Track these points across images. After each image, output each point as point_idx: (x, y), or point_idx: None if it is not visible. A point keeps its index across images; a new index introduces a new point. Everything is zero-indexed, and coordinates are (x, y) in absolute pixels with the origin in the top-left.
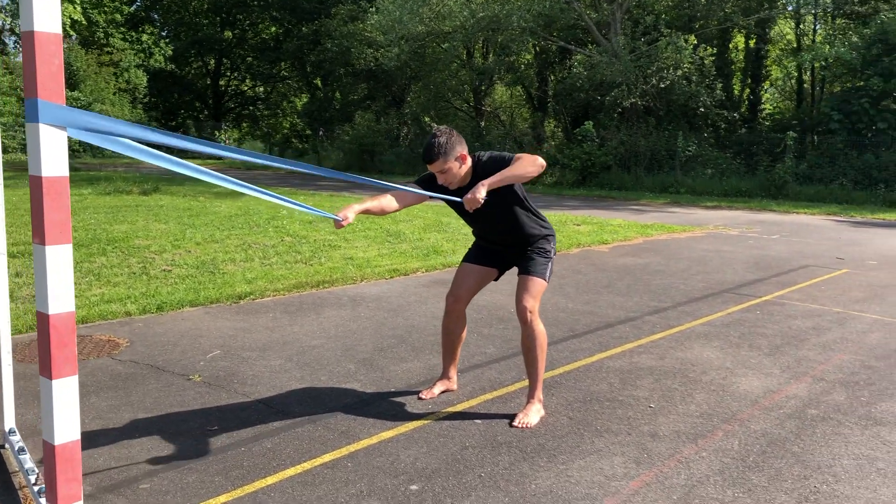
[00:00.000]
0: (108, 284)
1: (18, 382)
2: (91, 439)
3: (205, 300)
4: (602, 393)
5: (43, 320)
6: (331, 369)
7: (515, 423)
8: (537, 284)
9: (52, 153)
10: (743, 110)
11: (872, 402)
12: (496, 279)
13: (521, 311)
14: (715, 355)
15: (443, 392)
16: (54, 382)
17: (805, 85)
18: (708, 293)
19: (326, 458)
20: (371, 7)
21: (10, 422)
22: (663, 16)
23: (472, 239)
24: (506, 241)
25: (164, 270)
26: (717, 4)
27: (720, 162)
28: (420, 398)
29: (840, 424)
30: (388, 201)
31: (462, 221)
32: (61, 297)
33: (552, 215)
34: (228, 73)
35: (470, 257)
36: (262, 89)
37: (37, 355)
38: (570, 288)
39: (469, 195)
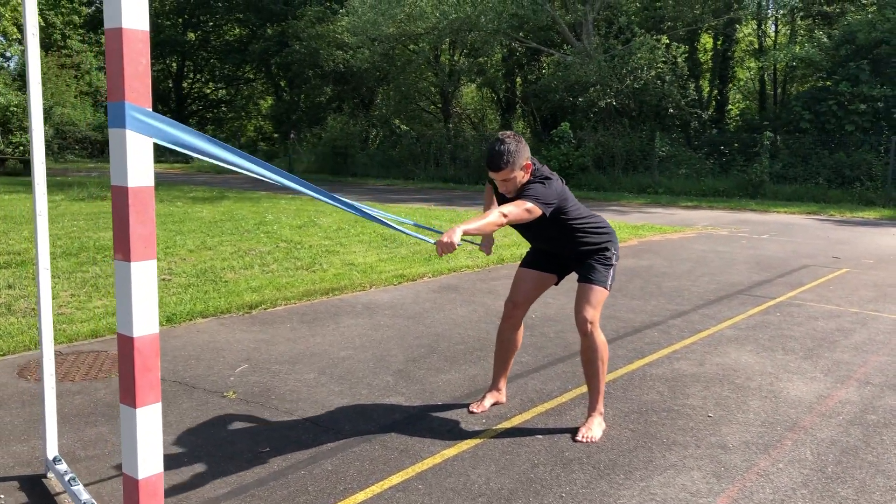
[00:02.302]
0: (109, 295)
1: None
2: None
3: (215, 310)
4: (655, 403)
5: (126, 344)
6: (369, 382)
7: (579, 438)
8: (598, 294)
9: (139, 161)
10: (711, 111)
11: None
12: (556, 284)
13: (581, 323)
14: (753, 360)
15: (493, 405)
16: (138, 411)
17: (766, 86)
18: (722, 295)
19: (395, 479)
20: (341, 9)
21: (53, 450)
22: (633, 17)
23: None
24: (563, 252)
25: (164, 280)
26: (686, 6)
27: (693, 162)
28: (471, 412)
29: None
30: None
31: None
32: (147, 318)
33: None
34: (192, 76)
35: (527, 262)
36: (224, 91)
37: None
38: None
39: (445, 238)
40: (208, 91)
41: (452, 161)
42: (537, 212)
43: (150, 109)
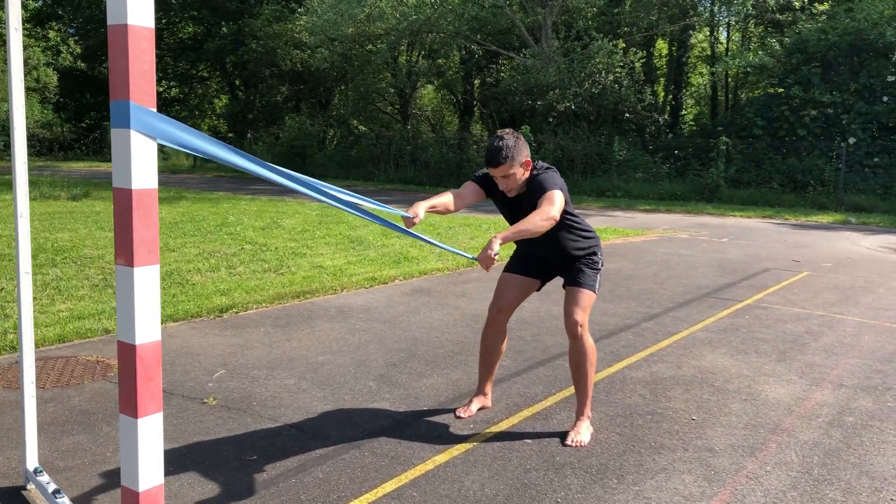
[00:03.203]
0: (73, 298)
1: (13, 412)
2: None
3: (185, 314)
4: (638, 406)
5: (128, 351)
6: (351, 388)
7: (568, 442)
8: (587, 297)
9: (143, 162)
10: (666, 116)
11: None
12: (538, 289)
13: (572, 326)
14: (729, 363)
15: (479, 409)
16: (140, 421)
17: (718, 92)
18: (690, 298)
19: (388, 487)
20: (299, 7)
21: (33, 460)
22: (591, 22)
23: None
24: (552, 256)
25: None
26: (643, 12)
27: (650, 166)
28: (458, 416)
29: (883, 432)
30: (449, 199)
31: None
32: (149, 325)
33: (497, 221)
34: None
35: (512, 267)
36: (177, 90)
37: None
38: (556, 294)
39: (487, 253)
40: (161, 89)
41: (412, 163)
42: (563, 199)
43: (155, 109)
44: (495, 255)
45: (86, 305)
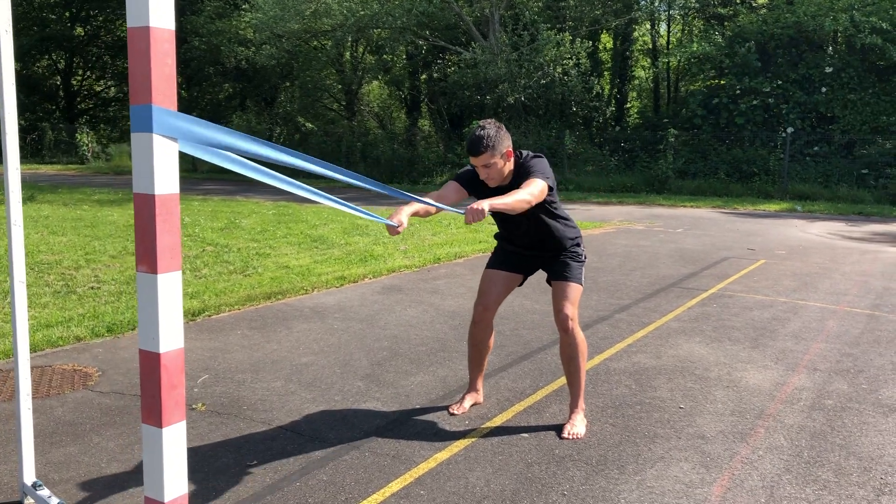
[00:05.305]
0: (37, 306)
1: (19, 426)
2: (121, 486)
3: None
4: (625, 397)
5: (151, 360)
6: (340, 388)
7: (565, 435)
8: (575, 290)
9: (166, 167)
10: (612, 109)
11: (875, 390)
12: (520, 284)
13: (563, 320)
14: (705, 351)
15: (472, 405)
16: (164, 431)
17: (660, 86)
18: (657, 288)
19: (394, 486)
20: (244, 4)
21: (31, 474)
22: (537, 16)
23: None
24: (538, 247)
25: (93, 288)
26: (588, 5)
27: (599, 159)
28: (451, 413)
29: (862, 413)
30: (430, 202)
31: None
32: (173, 333)
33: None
34: (81, 72)
35: (495, 263)
36: (116, 89)
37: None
38: (526, 288)
39: (475, 206)
40: (99, 89)
41: (363, 160)
42: (546, 187)
43: (176, 111)
44: (486, 214)
45: (51, 313)
